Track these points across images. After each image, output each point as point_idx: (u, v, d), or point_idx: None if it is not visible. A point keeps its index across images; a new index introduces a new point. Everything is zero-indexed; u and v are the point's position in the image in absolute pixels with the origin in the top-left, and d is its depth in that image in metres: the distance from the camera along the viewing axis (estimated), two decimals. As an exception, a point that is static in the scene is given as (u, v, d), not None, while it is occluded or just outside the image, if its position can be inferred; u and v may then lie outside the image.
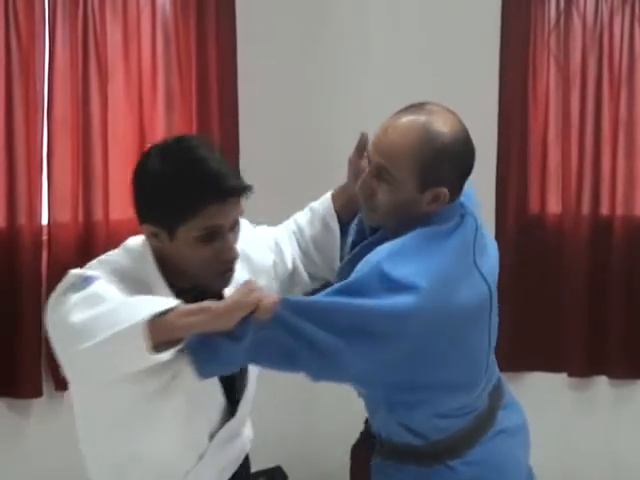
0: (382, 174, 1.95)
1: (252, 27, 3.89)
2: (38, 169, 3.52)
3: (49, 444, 3.60)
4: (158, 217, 1.88)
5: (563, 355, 3.99)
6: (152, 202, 1.89)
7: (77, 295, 1.76)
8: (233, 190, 1.87)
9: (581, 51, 3.91)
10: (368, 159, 2.03)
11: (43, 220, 3.56)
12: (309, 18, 4.10)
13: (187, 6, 3.75)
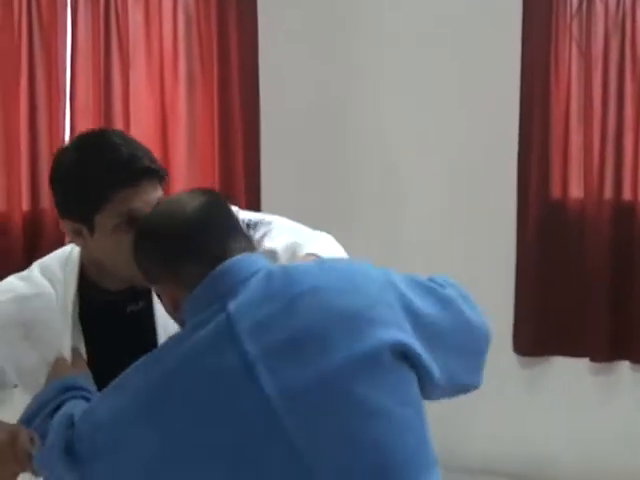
0: None
1: (274, 10, 3.89)
2: (61, 153, 3.54)
3: None
4: (75, 208, 1.82)
5: (585, 340, 3.97)
6: (67, 192, 1.84)
7: None
8: (144, 171, 1.79)
9: (603, 36, 3.88)
10: None
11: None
12: (332, 1, 4.09)
13: (208, -10, 3.76)
